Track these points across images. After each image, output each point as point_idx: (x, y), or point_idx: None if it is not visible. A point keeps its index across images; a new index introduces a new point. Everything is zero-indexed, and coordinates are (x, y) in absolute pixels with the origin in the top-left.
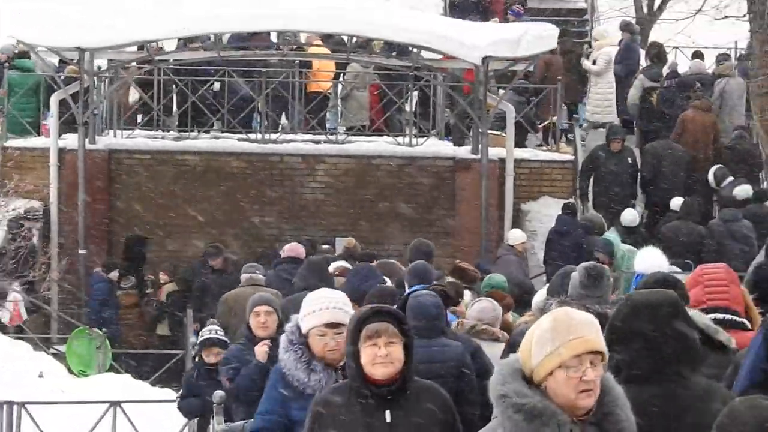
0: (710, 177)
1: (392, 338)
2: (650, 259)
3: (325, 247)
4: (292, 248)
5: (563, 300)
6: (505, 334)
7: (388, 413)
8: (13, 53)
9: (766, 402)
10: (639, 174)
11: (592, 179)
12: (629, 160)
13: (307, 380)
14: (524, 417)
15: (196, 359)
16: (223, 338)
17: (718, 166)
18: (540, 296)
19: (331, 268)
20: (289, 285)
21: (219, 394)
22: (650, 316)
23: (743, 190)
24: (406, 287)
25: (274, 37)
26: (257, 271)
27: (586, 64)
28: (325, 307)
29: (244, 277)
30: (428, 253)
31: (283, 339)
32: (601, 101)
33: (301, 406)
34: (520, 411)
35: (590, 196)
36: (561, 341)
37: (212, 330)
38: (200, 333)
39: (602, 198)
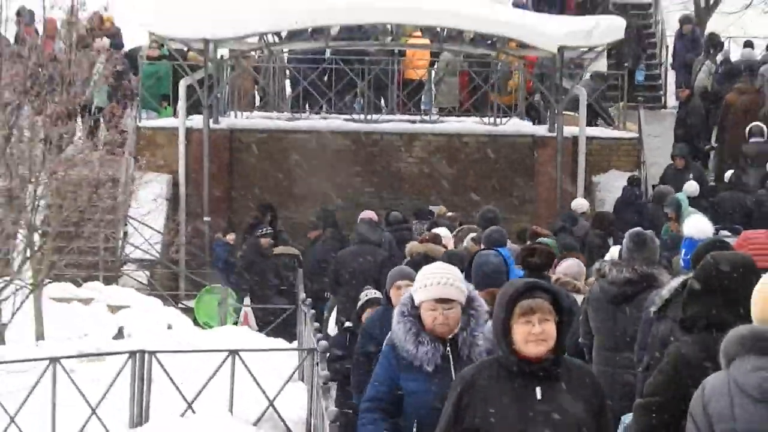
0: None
1: (547, 315)
2: (698, 225)
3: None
4: (367, 213)
5: (615, 262)
6: (586, 287)
7: (538, 390)
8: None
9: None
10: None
11: None
12: (690, 176)
13: (416, 352)
14: None
15: (351, 322)
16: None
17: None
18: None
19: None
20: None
21: (324, 343)
22: (735, 275)
23: None
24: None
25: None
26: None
27: None
28: (436, 282)
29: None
30: (493, 219)
31: (396, 310)
32: None
33: (410, 378)
34: None
35: None
36: None
37: (370, 293)
38: (361, 297)
39: None
